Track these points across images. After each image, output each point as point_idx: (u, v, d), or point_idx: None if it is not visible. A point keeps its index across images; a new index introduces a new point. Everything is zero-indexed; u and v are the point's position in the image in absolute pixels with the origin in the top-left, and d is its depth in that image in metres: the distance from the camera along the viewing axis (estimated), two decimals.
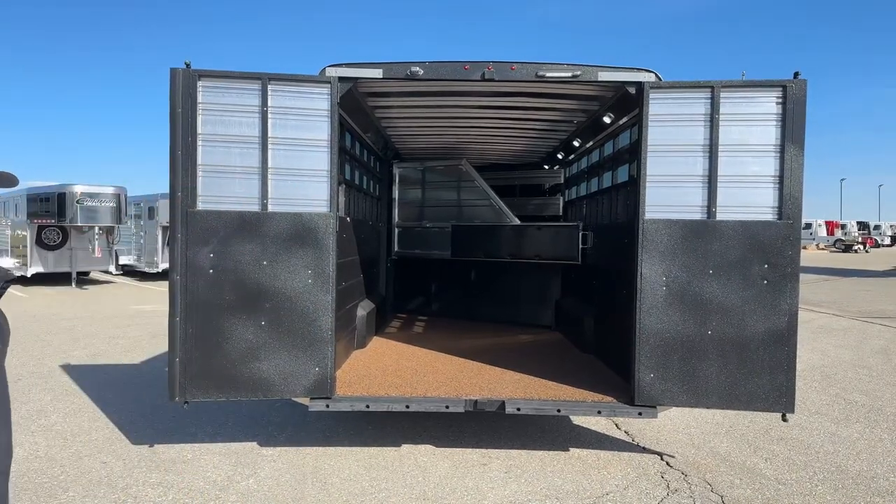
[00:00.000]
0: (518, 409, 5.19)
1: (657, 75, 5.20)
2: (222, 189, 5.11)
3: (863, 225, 60.70)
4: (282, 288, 5.11)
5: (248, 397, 5.17)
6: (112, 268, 21.47)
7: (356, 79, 5.37)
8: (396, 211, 10.32)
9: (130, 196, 21.55)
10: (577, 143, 8.41)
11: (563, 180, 10.07)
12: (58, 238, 20.28)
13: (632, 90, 5.31)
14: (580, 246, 7.99)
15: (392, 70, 5.34)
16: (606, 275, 7.16)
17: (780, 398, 5.00)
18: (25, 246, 20.00)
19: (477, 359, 6.89)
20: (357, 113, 6.92)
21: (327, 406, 5.22)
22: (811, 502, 4.61)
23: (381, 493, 4.65)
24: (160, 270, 21.06)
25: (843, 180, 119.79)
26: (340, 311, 5.92)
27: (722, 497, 4.66)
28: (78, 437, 5.76)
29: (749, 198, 5.05)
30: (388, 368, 6.41)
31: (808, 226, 54.89)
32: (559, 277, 9.34)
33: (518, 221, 9.06)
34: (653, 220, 5.11)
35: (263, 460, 5.25)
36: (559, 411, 5.26)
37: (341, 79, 5.27)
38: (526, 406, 5.23)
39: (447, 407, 5.24)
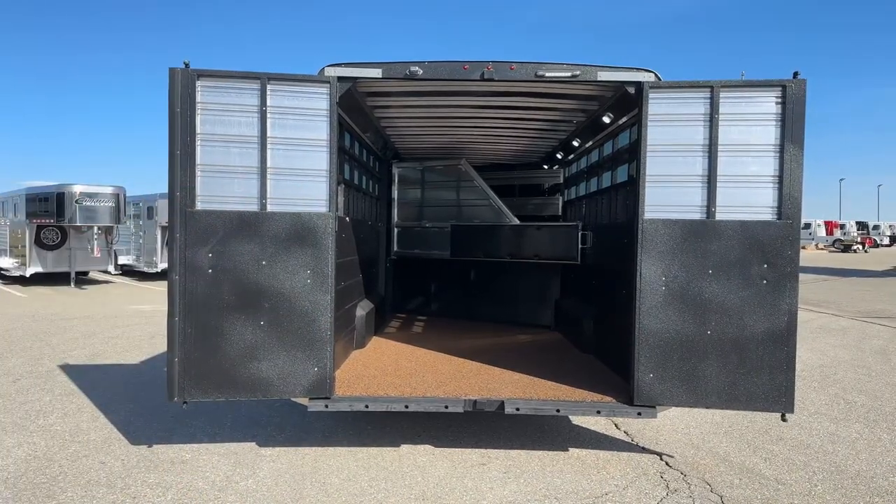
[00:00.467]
0: (517, 409, 5.18)
1: (657, 75, 5.20)
2: (221, 189, 5.11)
3: (862, 225, 60.77)
4: (281, 288, 5.11)
5: (247, 397, 5.17)
6: (111, 268, 21.45)
7: (355, 78, 5.37)
8: (396, 211, 10.32)
9: (129, 196, 21.53)
10: (577, 143, 8.41)
11: (563, 180, 10.07)
12: (57, 238, 20.27)
13: (631, 90, 5.31)
14: (579, 246, 7.99)
15: (391, 70, 5.34)
16: (606, 275, 7.16)
17: (780, 398, 5.00)
18: (24, 246, 19.99)
19: (476, 359, 6.88)
20: (356, 113, 6.92)
21: (326, 406, 5.22)
22: (810, 502, 4.61)
23: (381, 493, 4.65)
24: (159, 270, 21.04)
25: (843, 180, 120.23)
26: (339, 311, 5.92)
27: (721, 497, 4.66)
28: (77, 438, 5.75)
29: (748, 198, 5.05)
30: (388, 368, 6.40)
31: (808, 226, 54.94)
32: (558, 277, 9.35)
33: (517, 221, 9.06)
34: (652, 220, 5.11)
35: (262, 460, 5.24)
36: (558, 411, 5.26)
37: (340, 78, 5.27)
38: (525, 406, 5.23)
39: (446, 407, 5.24)
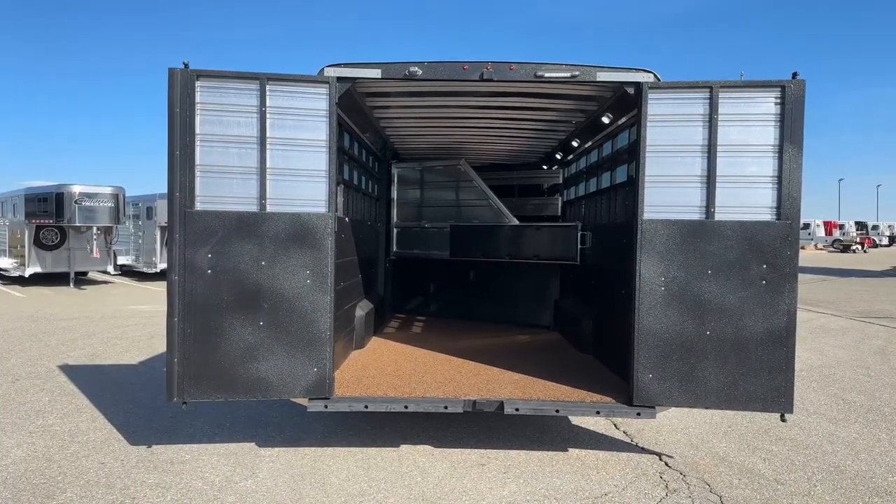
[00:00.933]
0: (516, 410, 5.19)
1: (656, 75, 5.20)
2: (220, 189, 5.11)
3: (861, 225, 60.81)
4: (280, 288, 5.11)
5: (247, 398, 5.16)
6: (110, 268, 21.45)
7: (354, 79, 5.37)
8: (395, 211, 10.32)
9: (129, 196, 21.53)
10: (576, 144, 8.41)
11: (562, 180, 10.07)
12: (56, 238, 20.26)
13: (630, 90, 5.31)
14: (579, 246, 8.00)
15: (390, 70, 5.34)
16: (605, 275, 7.16)
17: (779, 398, 5.00)
18: (23, 246, 19.97)
19: (475, 359, 6.88)
20: (355, 113, 6.91)
21: (326, 406, 5.22)
22: (809, 502, 4.61)
23: (380, 494, 4.65)
24: (158, 270, 21.05)
25: (842, 180, 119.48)
26: (339, 312, 5.92)
27: (720, 497, 4.66)
28: (76, 438, 5.75)
29: (747, 198, 5.05)
30: (387, 369, 6.40)
31: (807, 226, 54.95)
32: (558, 278, 9.35)
33: (516, 221, 9.06)
34: (651, 221, 5.11)
35: (262, 461, 5.24)
36: (558, 411, 5.26)
37: (340, 79, 5.27)
38: (524, 406, 5.23)
39: (446, 407, 5.24)
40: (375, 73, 5.35)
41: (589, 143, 8.11)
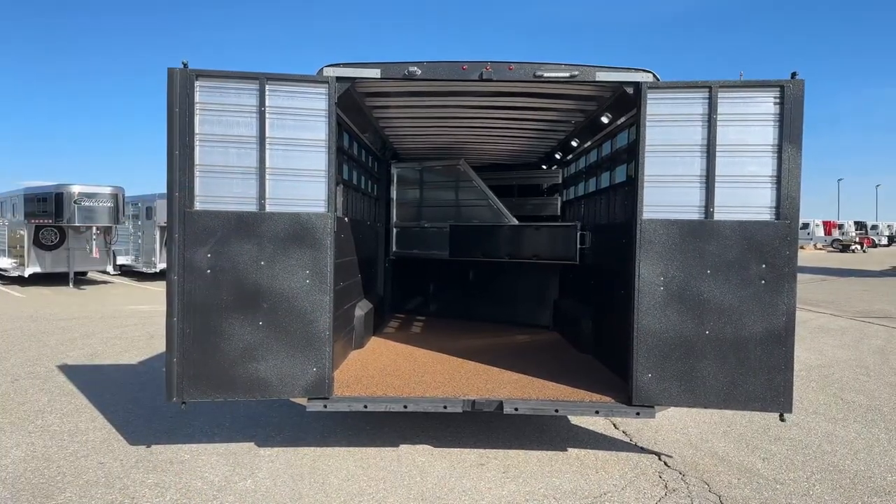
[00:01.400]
0: (516, 409, 5.19)
1: (655, 75, 5.21)
2: (220, 189, 5.11)
3: (860, 225, 60.86)
4: (279, 288, 5.11)
5: (246, 398, 5.16)
6: (110, 268, 21.45)
7: (354, 79, 5.37)
8: (394, 211, 10.32)
9: (128, 196, 21.52)
10: (575, 144, 8.42)
11: (562, 180, 10.08)
12: (55, 238, 20.25)
13: (629, 90, 5.31)
14: (578, 246, 8.00)
15: (390, 70, 5.34)
16: (604, 275, 7.16)
17: (778, 398, 5.01)
18: (23, 246, 19.97)
19: (475, 359, 6.88)
20: (355, 113, 6.92)
21: (325, 406, 5.22)
22: (809, 502, 4.62)
23: (379, 494, 4.65)
24: (158, 270, 21.03)
25: (841, 180, 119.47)
26: (338, 312, 5.92)
27: (720, 497, 4.66)
28: (75, 438, 5.75)
29: (747, 198, 5.06)
30: (386, 369, 6.40)
31: (806, 226, 54.99)
32: (557, 277, 9.35)
33: (516, 221, 9.06)
34: (651, 221, 5.11)
35: (261, 461, 5.24)
36: (557, 411, 5.26)
37: (339, 79, 5.27)
38: (524, 406, 5.23)
39: (445, 407, 5.24)
40: (375, 73, 5.35)
41: (588, 143, 8.11)
